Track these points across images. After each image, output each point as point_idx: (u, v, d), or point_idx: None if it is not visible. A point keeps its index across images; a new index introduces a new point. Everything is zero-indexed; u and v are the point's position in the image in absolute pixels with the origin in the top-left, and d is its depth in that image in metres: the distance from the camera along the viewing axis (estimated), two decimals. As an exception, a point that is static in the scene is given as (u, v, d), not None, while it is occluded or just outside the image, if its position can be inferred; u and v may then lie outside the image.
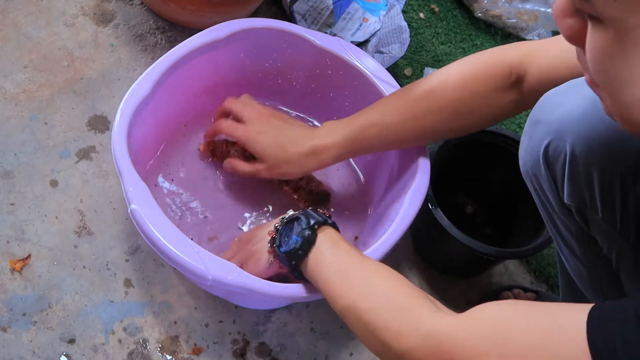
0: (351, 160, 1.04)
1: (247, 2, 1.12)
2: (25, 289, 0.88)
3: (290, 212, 0.75)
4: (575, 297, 0.80)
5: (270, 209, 0.98)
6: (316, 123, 1.06)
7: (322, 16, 1.18)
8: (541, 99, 0.66)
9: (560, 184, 0.64)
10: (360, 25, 1.18)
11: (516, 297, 1.02)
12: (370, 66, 0.95)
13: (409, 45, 1.19)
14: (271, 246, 0.75)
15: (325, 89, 1.01)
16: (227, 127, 0.88)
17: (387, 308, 0.57)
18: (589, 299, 0.74)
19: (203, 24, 1.05)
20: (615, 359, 0.39)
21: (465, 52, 1.30)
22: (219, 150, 0.97)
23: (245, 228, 0.96)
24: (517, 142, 0.99)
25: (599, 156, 0.60)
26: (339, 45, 0.96)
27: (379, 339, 0.56)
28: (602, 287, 0.69)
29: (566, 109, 0.62)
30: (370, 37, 1.17)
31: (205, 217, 0.96)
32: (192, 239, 0.75)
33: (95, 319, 0.88)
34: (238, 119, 0.88)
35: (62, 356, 0.85)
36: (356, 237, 0.97)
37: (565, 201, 0.64)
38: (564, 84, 0.66)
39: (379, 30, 1.17)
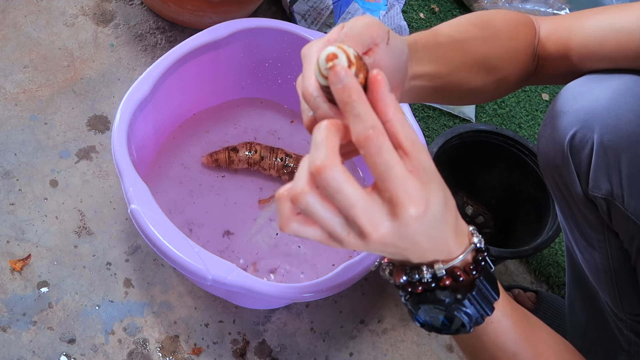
0: (353, 160, 1.04)
1: (247, 2, 1.12)
2: (25, 289, 0.88)
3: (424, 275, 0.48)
4: (583, 293, 0.80)
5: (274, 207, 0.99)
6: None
7: (322, 16, 1.18)
8: (563, 90, 0.66)
9: (585, 174, 0.64)
10: (360, 25, 1.18)
11: (516, 297, 1.02)
12: (370, 66, 0.95)
13: (409, 45, 1.18)
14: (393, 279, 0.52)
15: (325, 89, 1.02)
16: None
17: None
18: (598, 294, 0.74)
19: (203, 24, 1.05)
20: None
21: (465, 52, 1.30)
22: (222, 159, 0.99)
23: (252, 229, 0.97)
24: (517, 142, 0.99)
25: (627, 145, 0.60)
26: (339, 45, 0.96)
27: None
28: (618, 281, 0.69)
29: (591, 98, 0.63)
30: (370, 37, 1.17)
31: (206, 215, 0.96)
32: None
33: (95, 319, 0.88)
34: None
35: (62, 356, 0.85)
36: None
37: (590, 192, 0.65)
38: (583, 76, 0.66)
39: (379, 30, 1.17)
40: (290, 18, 1.20)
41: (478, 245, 0.49)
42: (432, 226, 0.43)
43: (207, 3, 1.06)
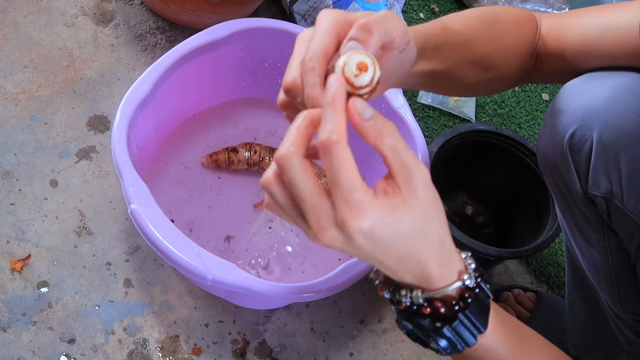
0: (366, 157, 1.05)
1: (247, 2, 1.12)
2: (25, 289, 0.88)
3: (409, 299, 0.48)
4: (583, 292, 0.80)
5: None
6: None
7: (322, 16, 1.18)
8: (562, 89, 0.67)
9: (584, 173, 0.64)
10: (360, 25, 1.18)
11: (516, 297, 1.02)
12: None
13: (409, 45, 1.18)
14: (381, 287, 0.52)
15: (325, 89, 1.02)
16: None
17: None
18: (598, 294, 0.74)
19: (203, 24, 1.05)
20: None
21: (465, 52, 1.30)
22: (222, 160, 0.98)
23: (250, 230, 0.96)
24: (517, 142, 0.99)
25: (626, 143, 0.60)
26: (339, 45, 0.96)
27: None
28: (617, 280, 0.69)
29: (590, 97, 0.63)
30: (370, 37, 1.17)
31: (206, 216, 0.96)
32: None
33: (95, 319, 0.88)
34: None
35: (62, 356, 0.85)
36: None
37: (589, 190, 0.65)
38: (582, 75, 0.66)
39: (379, 30, 1.17)
40: (290, 18, 1.20)
41: (467, 282, 0.47)
42: (395, 247, 0.42)
43: (207, 3, 1.06)
